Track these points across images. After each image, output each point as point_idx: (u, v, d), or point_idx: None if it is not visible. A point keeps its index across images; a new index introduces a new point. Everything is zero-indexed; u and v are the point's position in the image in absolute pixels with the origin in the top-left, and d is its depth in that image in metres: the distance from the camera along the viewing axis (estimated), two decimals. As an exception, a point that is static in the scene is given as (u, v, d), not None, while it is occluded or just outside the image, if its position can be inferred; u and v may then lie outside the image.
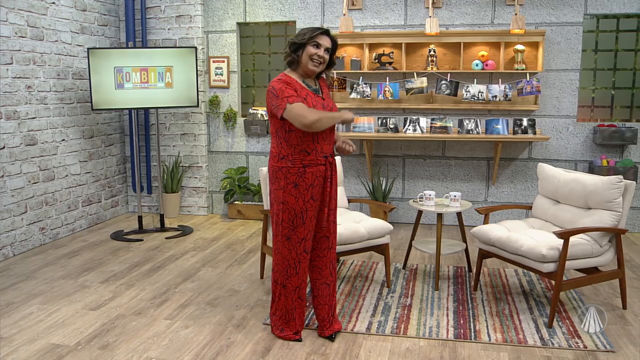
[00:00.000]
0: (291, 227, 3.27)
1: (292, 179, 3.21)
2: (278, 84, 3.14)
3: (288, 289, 3.37)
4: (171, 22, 6.60)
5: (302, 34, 3.19)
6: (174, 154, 6.79)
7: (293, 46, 3.20)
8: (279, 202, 3.26)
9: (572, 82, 5.97)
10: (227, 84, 6.69)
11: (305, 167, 3.21)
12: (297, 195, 3.23)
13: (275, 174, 3.26)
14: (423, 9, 6.16)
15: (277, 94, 3.11)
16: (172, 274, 4.68)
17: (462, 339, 3.47)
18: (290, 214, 3.25)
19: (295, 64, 3.24)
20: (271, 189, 3.34)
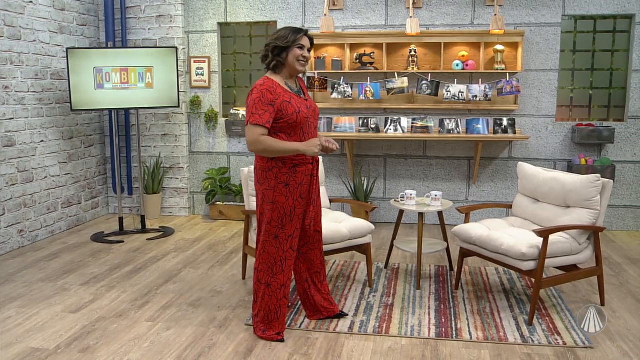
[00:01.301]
0: (280, 225, 3.31)
1: (282, 179, 3.26)
2: (256, 92, 3.18)
3: (273, 287, 3.38)
4: (151, 22, 6.56)
5: (283, 36, 3.23)
6: (155, 155, 6.75)
7: (277, 50, 3.24)
8: (269, 202, 3.29)
9: (551, 82, 6.04)
10: (208, 85, 6.67)
11: (295, 166, 3.28)
12: (288, 195, 3.28)
13: (265, 174, 3.29)
14: (404, 10, 6.18)
15: (249, 103, 3.19)
16: (154, 275, 4.65)
17: (444, 337, 3.49)
18: (280, 213, 3.29)
19: (279, 66, 3.28)
20: (259, 189, 3.35)
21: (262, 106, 3.14)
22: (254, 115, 3.14)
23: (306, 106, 3.31)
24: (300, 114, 3.23)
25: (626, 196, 6.09)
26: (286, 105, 3.19)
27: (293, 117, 3.21)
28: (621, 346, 3.39)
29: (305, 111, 3.28)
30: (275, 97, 3.18)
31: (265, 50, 3.29)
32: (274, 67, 3.28)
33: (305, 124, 3.31)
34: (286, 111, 3.19)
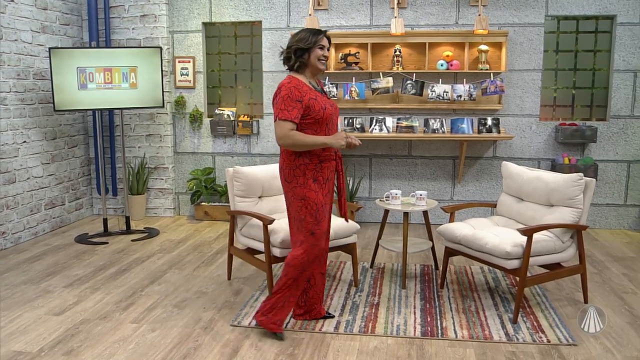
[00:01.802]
0: (315, 221, 3.36)
1: (310, 175, 3.35)
2: (285, 89, 3.27)
3: (298, 282, 3.44)
4: (135, 21, 6.52)
5: (304, 38, 3.35)
6: (140, 155, 6.71)
7: (299, 51, 3.35)
8: (300, 199, 3.35)
9: (535, 82, 6.08)
10: (193, 85, 6.64)
11: (321, 162, 3.39)
12: (317, 190, 3.37)
13: (293, 172, 3.36)
14: (388, 10, 6.20)
15: (278, 101, 3.27)
16: (138, 276, 4.62)
17: (429, 336, 3.51)
18: (313, 209, 3.35)
19: (302, 67, 3.39)
20: (287, 188, 3.40)
21: (291, 102, 3.24)
22: (283, 111, 3.24)
23: (329, 104, 3.44)
24: (326, 110, 3.35)
25: (608, 195, 6.15)
26: (313, 103, 3.29)
27: (320, 114, 3.31)
28: (604, 343, 3.42)
29: (330, 108, 3.41)
30: (303, 94, 3.28)
31: (287, 52, 3.40)
32: (297, 67, 3.40)
33: (330, 120, 3.41)
34: (313, 108, 3.29)
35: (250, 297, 4.13)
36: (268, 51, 6.44)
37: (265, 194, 4.48)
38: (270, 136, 6.54)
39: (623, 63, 5.96)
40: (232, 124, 6.54)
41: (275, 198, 4.53)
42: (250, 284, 4.43)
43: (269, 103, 6.52)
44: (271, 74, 6.48)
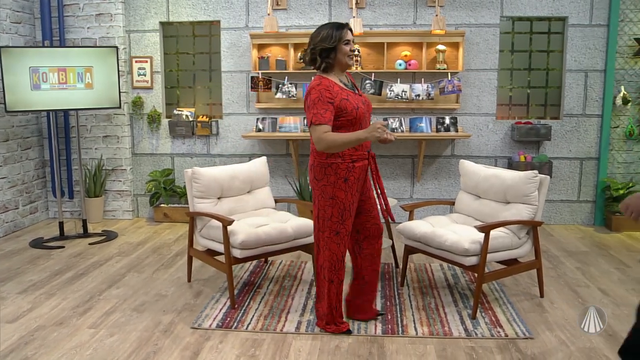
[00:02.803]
0: (340, 221, 3.35)
1: (342, 174, 3.29)
2: (315, 92, 3.20)
3: (335, 283, 3.43)
4: (91, 20, 6.39)
5: (327, 37, 3.23)
6: (97, 157, 6.58)
7: (324, 52, 3.25)
8: (328, 198, 3.32)
9: (491, 81, 6.20)
10: (150, 85, 6.55)
11: (354, 162, 3.31)
12: (347, 190, 3.32)
13: (324, 170, 3.30)
14: (347, 10, 6.23)
15: (310, 104, 3.21)
16: (96, 280, 4.53)
17: (390, 334, 3.54)
18: (340, 208, 3.32)
19: (329, 67, 3.30)
20: (317, 186, 3.36)
21: (322, 105, 3.16)
22: (316, 115, 3.16)
23: (362, 102, 3.37)
24: (359, 110, 3.28)
25: (562, 191, 6.30)
26: (345, 103, 3.22)
27: (353, 114, 3.24)
28: (559, 335, 3.51)
29: (362, 107, 3.33)
30: (334, 95, 3.20)
31: (312, 54, 3.30)
32: (324, 68, 3.30)
33: (363, 119, 3.34)
34: (346, 109, 3.22)
35: (211, 298, 4.10)
36: (227, 51, 6.40)
37: (225, 194, 4.46)
38: (230, 136, 6.50)
39: (575, 63, 6.11)
40: (191, 124, 6.48)
41: (235, 199, 4.50)
42: (211, 286, 4.40)
43: (228, 103, 6.48)
44: (230, 74, 6.44)
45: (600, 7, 6.01)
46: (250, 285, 4.41)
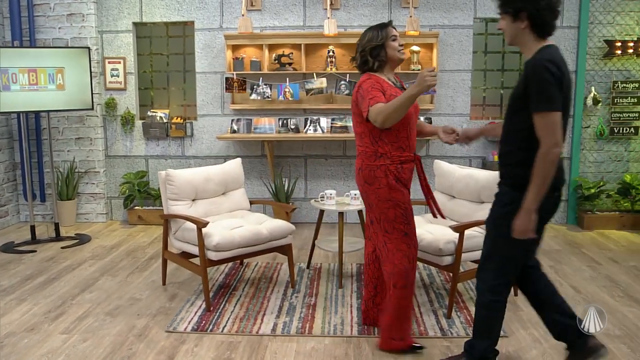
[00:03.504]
0: (406, 222, 3.20)
1: (392, 176, 3.16)
2: (367, 83, 3.14)
3: (409, 289, 3.24)
4: (62, 20, 6.30)
5: (374, 36, 3.21)
6: (69, 159, 6.49)
7: (375, 50, 3.21)
8: (385, 201, 3.17)
9: (465, 82, 6.25)
10: (124, 86, 6.48)
11: (402, 163, 3.19)
12: (402, 189, 3.20)
13: (374, 173, 3.17)
14: (321, 10, 6.23)
15: (364, 94, 3.11)
16: (69, 285, 4.47)
17: (366, 334, 3.55)
18: (402, 209, 3.19)
19: (381, 65, 3.25)
20: (369, 190, 3.21)
21: (376, 92, 3.08)
22: (372, 99, 3.05)
23: None
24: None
25: (536, 190, 6.37)
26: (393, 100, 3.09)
27: None
28: (533, 333, 3.55)
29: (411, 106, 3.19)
30: (384, 89, 3.13)
31: (362, 55, 3.25)
32: (377, 67, 3.24)
33: (412, 118, 3.22)
34: None
35: (186, 301, 4.07)
36: (201, 52, 6.36)
37: (199, 196, 4.43)
38: (204, 138, 6.46)
39: (547, 64, 6.18)
40: (165, 126, 6.42)
41: (210, 200, 4.48)
42: (186, 289, 4.36)
43: (203, 104, 6.44)
44: (204, 75, 6.39)
45: (571, 9, 6.10)
46: (225, 288, 4.38)
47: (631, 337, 3.51)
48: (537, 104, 2.50)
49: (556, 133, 2.50)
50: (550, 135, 2.49)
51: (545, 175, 2.52)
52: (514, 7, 2.61)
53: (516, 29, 2.65)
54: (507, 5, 2.64)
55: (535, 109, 2.51)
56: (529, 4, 2.57)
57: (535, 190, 2.54)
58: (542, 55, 2.55)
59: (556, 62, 2.52)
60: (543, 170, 2.52)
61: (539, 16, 2.57)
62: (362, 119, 3.18)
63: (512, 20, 2.64)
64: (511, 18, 2.64)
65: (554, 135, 2.49)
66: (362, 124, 3.21)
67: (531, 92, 2.51)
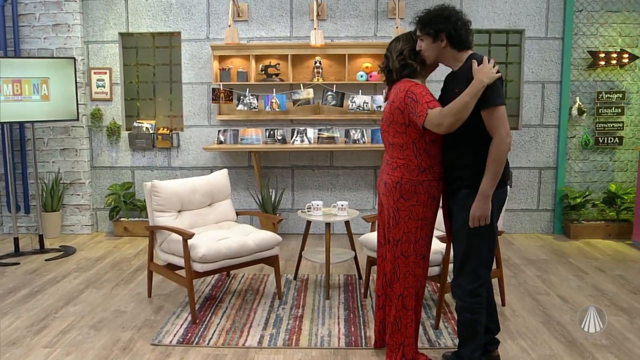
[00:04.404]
0: (427, 244, 3.10)
1: (432, 192, 3.03)
2: (418, 88, 2.93)
3: (418, 312, 3.16)
4: (47, 31, 6.27)
5: (409, 38, 3.04)
6: (54, 171, 6.43)
7: (413, 53, 3.01)
8: (417, 219, 3.04)
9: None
10: (109, 97, 6.44)
11: (440, 179, 3.05)
12: (434, 209, 3.08)
13: (415, 188, 3.00)
14: (308, 21, 6.24)
15: (417, 98, 2.89)
16: (52, 298, 4.41)
17: (354, 346, 3.52)
18: (428, 230, 3.09)
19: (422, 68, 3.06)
20: (404, 206, 3.04)
21: (431, 96, 2.90)
22: (430, 102, 2.86)
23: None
24: None
25: (522, 200, 6.41)
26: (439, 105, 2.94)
27: None
28: (520, 344, 3.55)
29: None
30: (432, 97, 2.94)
31: (400, 60, 3.02)
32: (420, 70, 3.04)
33: None
34: None
35: (172, 314, 4.03)
36: (187, 62, 6.34)
37: (185, 208, 4.40)
38: (191, 149, 6.43)
39: (532, 75, 6.24)
40: (152, 136, 6.39)
41: (196, 212, 4.45)
42: (172, 301, 4.32)
43: (189, 115, 6.41)
44: (191, 85, 6.38)
45: (555, 20, 6.16)
46: (212, 300, 4.35)
47: (618, 347, 3.52)
48: (484, 101, 2.73)
49: (506, 124, 2.76)
50: (502, 127, 2.75)
51: (500, 163, 2.77)
52: (435, 29, 2.86)
53: (437, 49, 2.90)
54: (428, 27, 2.88)
55: (484, 106, 2.74)
56: (448, 25, 2.84)
57: (491, 176, 2.78)
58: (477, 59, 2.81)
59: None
60: (498, 159, 2.76)
61: (456, 35, 2.85)
62: (403, 128, 3.00)
63: (432, 40, 2.89)
64: (431, 39, 2.89)
65: (504, 126, 2.75)
66: (404, 134, 3.01)
67: None
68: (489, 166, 2.77)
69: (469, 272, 2.94)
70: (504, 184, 2.92)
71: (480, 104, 2.73)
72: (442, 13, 2.86)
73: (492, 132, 2.76)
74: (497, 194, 2.85)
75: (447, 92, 2.96)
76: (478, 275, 2.94)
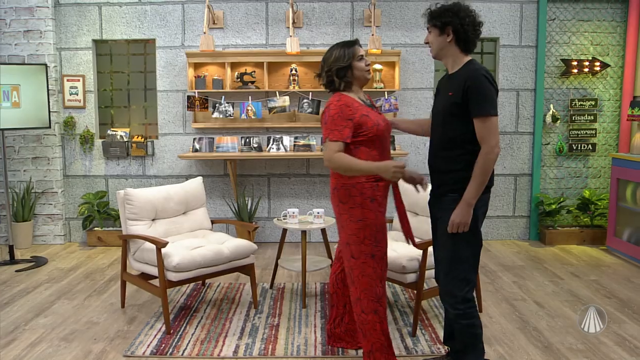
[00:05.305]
0: (374, 243, 3.11)
1: (368, 194, 3.08)
2: (334, 109, 3.05)
3: (380, 312, 3.13)
4: (19, 37, 6.16)
5: (340, 56, 3.13)
6: (25, 180, 6.30)
7: (341, 71, 3.13)
8: (357, 220, 3.08)
9: (427, 100, 6.30)
10: (83, 104, 6.35)
11: (377, 181, 3.10)
12: (375, 210, 3.10)
13: (349, 192, 3.08)
14: (284, 29, 6.23)
15: (327, 120, 3.06)
16: (22, 310, 4.30)
17: (330, 354, 3.49)
18: (372, 230, 3.10)
19: (347, 85, 3.18)
20: (343, 209, 3.12)
21: (341, 122, 3.01)
22: (334, 131, 3.01)
23: (382, 119, 3.18)
24: (379, 127, 3.09)
25: (499, 207, 6.44)
26: (365, 119, 3.05)
27: (373, 130, 3.06)
28: (498, 349, 3.54)
29: (382, 124, 3.14)
30: (354, 111, 3.04)
31: (328, 76, 3.17)
32: (344, 87, 3.17)
33: (383, 137, 3.16)
34: (366, 125, 3.04)
35: (145, 324, 3.95)
36: (162, 70, 6.28)
37: (159, 216, 4.33)
38: (166, 157, 6.36)
39: (507, 82, 6.29)
40: (126, 145, 6.30)
41: (170, 220, 4.39)
42: (146, 311, 4.24)
43: (164, 123, 6.34)
44: (166, 93, 6.31)
45: (529, 29, 6.23)
46: (186, 309, 4.28)
47: (594, 352, 3.53)
48: (479, 109, 2.75)
49: (496, 135, 2.77)
50: (492, 137, 2.75)
51: (487, 173, 2.78)
52: (441, 21, 2.87)
53: (442, 42, 2.91)
54: (436, 19, 2.90)
55: (478, 114, 2.76)
56: (455, 19, 2.84)
57: (477, 186, 2.79)
58: (476, 66, 2.84)
59: (490, 74, 2.82)
60: (485, 168, 2.77)
61: (463, 31, 2.85)
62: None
63: (438, 33, 2.91)
64: (438, 31, 2.91)
65: (495, 136, 2.76)
66: None
67: (471, 99, 2.77)
68: (475, 175, 2.78)
69: (458, 278, 2.92)
70: (489, 190, 2.93)
71: (474, 112, 2.75)
72: (452, 8, 2.87)
73: (481, 141, 2.77)
74: (481, 199, 2.86)
75: (440, 95, 3.01)
76: (467, 280, 2.93)
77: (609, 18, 6.26)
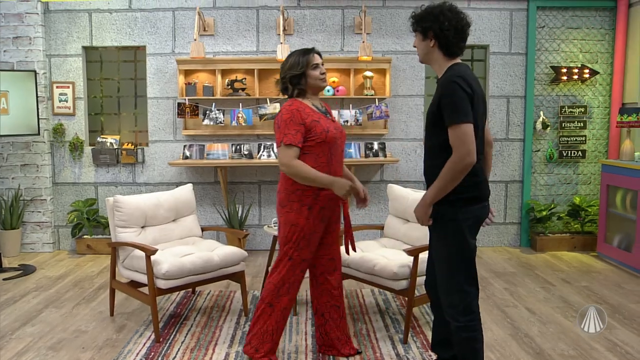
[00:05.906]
0: (296, 247, 3.23)
1: (306, 201, 3.19)
2: (286, 113, 3.14)
3: (275, 308, 3.28)
4: (7, 43, 6.12)
5: (295, 64, 3.21)
6: (14, 187, 6.25)
7: (295, 79, 3.22)
8: (290, 225, 3.22)
9: (418, 106, 6.31)
10: (72, 111, 6.31)
11: (320, 189, 3.19)
12: (309, 217, 3.21)
13: (289, 197, 3.21)
14: (275, 36, 6.23)
15: (280, 124, 3.14)
16: (9, 319, 4.25)
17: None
18: (299, 236, 3.21)
19: (302, 92, 3.26)
20: (281, 212, 3.26)
21: (294, 126, 3.10)
22: (287, 135, 3.10)
23: (334, 127, 3.28)
24: (329, 133, 3.18)
25: (489, 214, 6.43)
26: (315, 124, 3.14)
27: (322, 136, 3.15)
28: (489, 356, 3.53)
29: (334, 131, 3.24)
30: (305, 116, 3.13)
31: (283, 83, 3.28)
32: (297, 94, 3.26)
33: (334, 144, 3.24)
34: (315, 130, 3.14)
35: (135, 333, 3.92)
36: (153, 77, 6.26)
37: (149, 223, 4.30)
38: (157, 164, 6.33)
39: (497, 89, 6.32)
40: (116, 152, 6.27)
41: (160, 227, 4.35)
42: (135, 319, 4.20)
43: (154, 130, 6.32)
44: (156, 100, 6.29)
45: (519, 36, 6.26)
46: (176, 317, 4.24)
47: (585, 357, 3.52)
48: (450, 117, 2.64)
49: (467, 143, 2.61)
50: (461, 146, 2.61)
51: (452, 180, 2.66)
52: (422, 26, 2.83)
53: (426, 47, 2.86)
54: (417, 23, 2.87)
55: (449, 122, 2.65)
56: (434, 24, 2.78)
57: (437, 188, 2.70)
58: (453, 72, 2.74)
59: (466, 79, 2.68)
60: (450, 176, 2.65)
61: (443, 36, 2.78)
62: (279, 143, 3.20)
63: (422, 38, 2.86)
64: (421, 36, 2.86)
65: (464, 145, 2.61)
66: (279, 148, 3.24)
67: (444, 108, 2.68)
68: (439, 176, 2.68)
69: (457, 289, 2.84)
70: (481, 201, 2.84)
71: (446, 121, 2.65)
72: (432, 11, 2.79)
73: (453, 149, 2.64)
74: (469, 211, 2.77)
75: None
76: (467, 291, 2.84)
77: (597, 26, 6.30)
